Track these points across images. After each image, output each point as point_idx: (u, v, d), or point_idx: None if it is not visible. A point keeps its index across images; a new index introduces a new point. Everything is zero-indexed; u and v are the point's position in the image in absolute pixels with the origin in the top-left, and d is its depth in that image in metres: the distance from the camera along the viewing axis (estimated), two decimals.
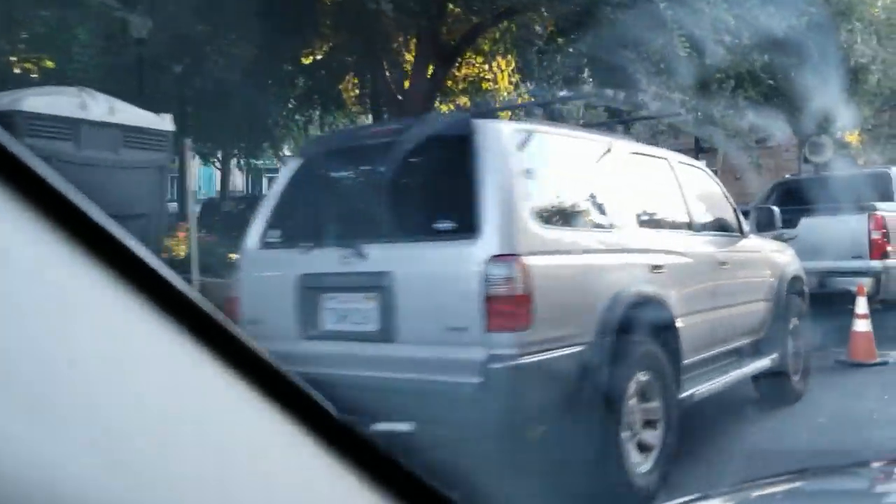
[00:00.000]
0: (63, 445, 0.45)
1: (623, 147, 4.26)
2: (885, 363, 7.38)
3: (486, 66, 16.75)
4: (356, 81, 15.28)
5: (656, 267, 4.01)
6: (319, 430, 0.58)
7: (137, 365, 0.50)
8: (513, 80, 17.02)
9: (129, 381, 0.49)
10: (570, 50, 14.54)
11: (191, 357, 0.53)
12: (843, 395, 6.19)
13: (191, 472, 0.51)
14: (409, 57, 15.13)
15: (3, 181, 0.46)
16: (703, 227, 4.86)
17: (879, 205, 8.30)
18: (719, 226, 5.18)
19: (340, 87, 14.99)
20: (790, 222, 8.55)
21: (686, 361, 4.21)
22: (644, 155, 4.52)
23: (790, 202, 9.90)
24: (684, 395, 4.13)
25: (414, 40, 14.16)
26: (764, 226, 5.34)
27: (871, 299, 8.22)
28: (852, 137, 38.20)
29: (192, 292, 0.54)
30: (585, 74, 17.12)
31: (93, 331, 0.49)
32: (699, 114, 15.86)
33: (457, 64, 16.11)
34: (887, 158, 37.19)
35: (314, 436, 0.58)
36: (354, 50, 14.18)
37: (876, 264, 8.10)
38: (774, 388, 5.69)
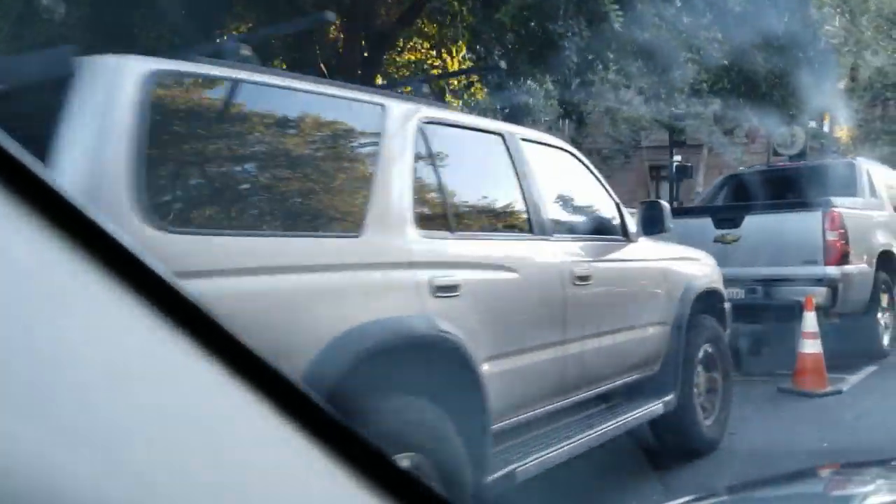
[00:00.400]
0: (62, 446, 0.45)
1: (402, 111, 2.94)
2: (837, 392, 6.09)
3: (434, 52, 15.44)
4: (285, 67, 13.95)
5: (445, 288, 2.71)
6: (316, 431, 0.58)
7: (136, 366, 0.51)
8: (464, 66, 15.70)
9: (127, 381, 0.50)
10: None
11: (189, 358, 0.53)
12: (770, 439, 4.89)
13: (189, 473, 0.51)
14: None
15: (2, 182, 0.46)
16: (558, 230, 3.57)
17: (836, 200, 7.01)
18: (589, 227, 3.89)
19: None
20: (733, 221, 7.27)
21: (501, 424, 2.92)
22: (449, 125, 3.21)
23: (745, 198, 8.63)
24: (498, 474, 2.84)
25: (342, 19, 12.83)
26: (650, 226, 4.05)
27: (826, 312, 6.94)
28: (842, 132, 37.07)
29: (190, 293, 0.54)
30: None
31: (91, 331, 0.49)
32: (665, 103, 14.56)
33: (398, 49, 14.83)
34: (878, 154, 35.99)
35: (311, 437, 0.58)
36: (279, 30, 12.88)
37: (832, 271, 6.81)
38: (678, 437, 4.40)
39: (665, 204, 4.10)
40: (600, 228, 3.93)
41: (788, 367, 6.37)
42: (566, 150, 3.96)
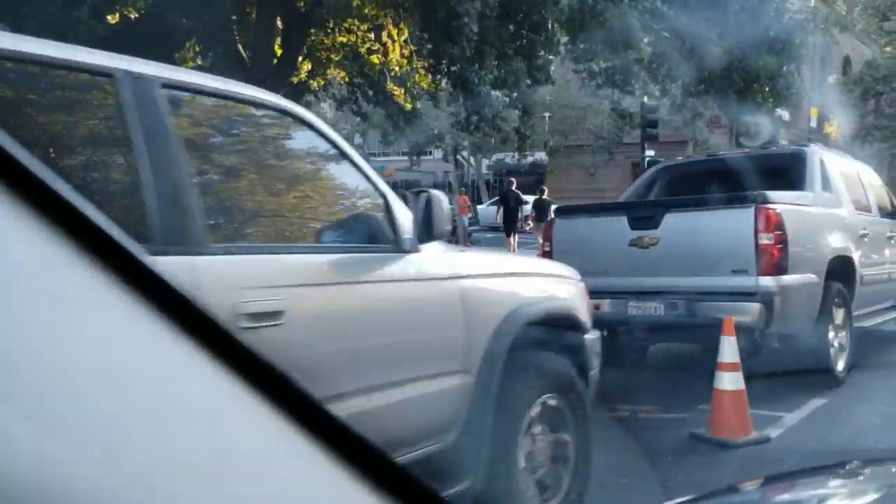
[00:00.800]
0: (62, 446, 0.45)
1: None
2: (763, 441, 4.73)
3: (373, 36, 14.06)
4: (198, 49, 12.57)
5: None
6: (319, 432, 0.58)
7: (136, 365, 0.51)
8: (405, 52, 14.34)
9: (127, 381, 0.50)
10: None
11: (189, 358, 0.53)
12: None
13: (189, 473, 0.51)
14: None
15: (1, 182, 0.47)
16: (227, 238, 2.23)
17: (774, 195, 5.64)
18: (310, 234, 2.55)
19: (177, 55, 12.30)
20: (652, 220, 5.93)
21: None
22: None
23: (677, 194, 7.30)
24: None
25: None
26: (425, 229, 2.68)
27: (762, 334, 5.61)
28: (831, 128, 35.66)
29: (190, 293, 0.54)
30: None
31: (92, 331, 0.49)
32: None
33: (328, 30, 13.44)
34: (869, 151, 34.71)
35: (314, 437, 0.58)
36: (190, 6, 11.53)
37: (766, 283, 5.45)
38: None
39: (438, 196, 2.71)
40: (336, 234, 2.58)
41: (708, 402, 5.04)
42: (287, 113, 2.58)
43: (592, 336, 3.71)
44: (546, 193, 17.79)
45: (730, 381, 4.75)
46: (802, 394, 5.74)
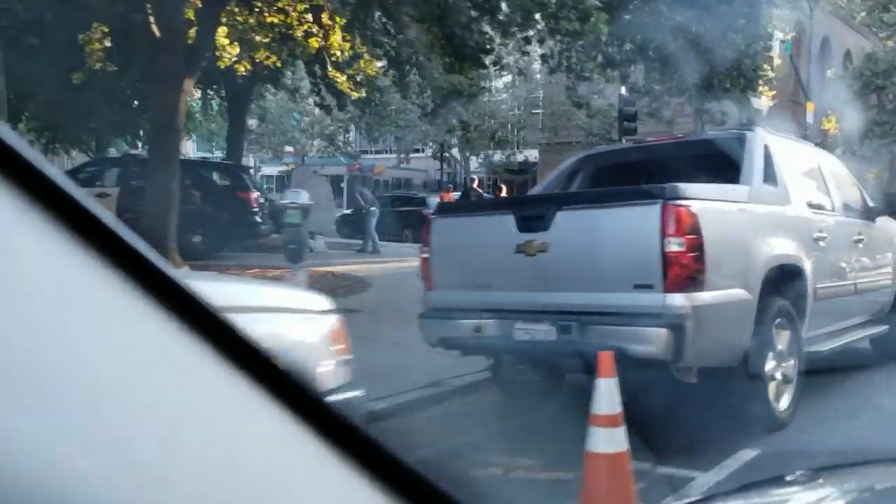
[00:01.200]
0: (66, 444, 0.45)
1: None
2: None
3: (311, 17, 12.82)
4: (107, 30, 11.33)
5: None
6: (325, 430, 0.58)
7: (141, 363, 0.51)
8: (347, 38, 13.10)
9: (133, 379, 0.50)
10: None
11: (195, 355, 0.53)
12: None
13: (195, 471, 0.51)
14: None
15: (5, 178, 0.46)
16: None
17: (690, 188, 4.38)
18: None
19: (81, 37, 11.09)
20: (542, 221, 4.72)
21: None
22: None
23: (606, 184, 6.07)
24: None
25: None
26: None
27: (677, 368, 4.37)
28: (830, 123, 34.24)
29: (196, 290, 0.53)
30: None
31: (97, 329, 0.49)
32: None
33: (257, 10, 12.19)
34: (870, 149, 33.24)
35: (319, 435, 0.57)
36: None
37: (676, 302, 4.20)
38: None
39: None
40: None
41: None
42: None
43: (348, 395, 2.48)
44: (505, 192, 16.53)
45: (607, 441, 3.48)
46: (729, 443, 4.49)
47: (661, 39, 9.78)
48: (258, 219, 13.86)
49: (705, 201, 4.37)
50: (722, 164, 5.40)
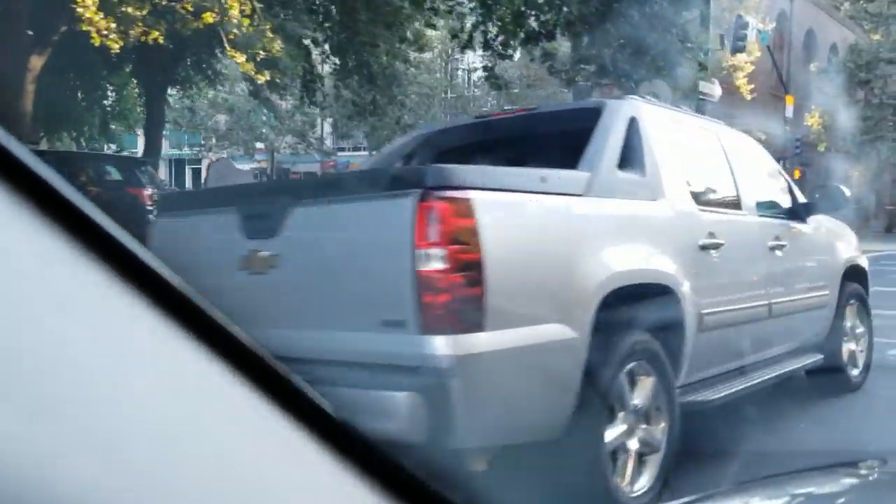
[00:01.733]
0: (63, 445, 0.44)
1: None
2: None
3: None
4: None
5: None
6: (320, 431, 0.57)
7: (138, 365, 0.50)
8: (244, 8, 11.58)
9: (129, 381, 0.49)
10: None
11: (191, 357, 0.52)
12: None
13: (191, 473, 0.50)
14: None
15: (2, 180, 0.45)
16: None
17: (463, 172, 2.85)
18: None
19: None
20: (269, 222, 3.20)
21: None
22: None
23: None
24: None
25: None
26: None
27: (447, 449, 2.86)
28: (813, 120, 32.67)
29: (193, 292, 0.52)
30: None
31: (94, 330, 0.48)
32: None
33: None
34: (853, 143, 31.74)
35: (315, 436, 0.57)
36: None
37: (433, 348, 2.69)
38: None
39: None
40: None
41: None
42: None
43: None
44: None
45: None
46: None
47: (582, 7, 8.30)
48: (152, 217, 12.36)
49: (493, 192, 2.86)
50: (577, 144, 3.90)
